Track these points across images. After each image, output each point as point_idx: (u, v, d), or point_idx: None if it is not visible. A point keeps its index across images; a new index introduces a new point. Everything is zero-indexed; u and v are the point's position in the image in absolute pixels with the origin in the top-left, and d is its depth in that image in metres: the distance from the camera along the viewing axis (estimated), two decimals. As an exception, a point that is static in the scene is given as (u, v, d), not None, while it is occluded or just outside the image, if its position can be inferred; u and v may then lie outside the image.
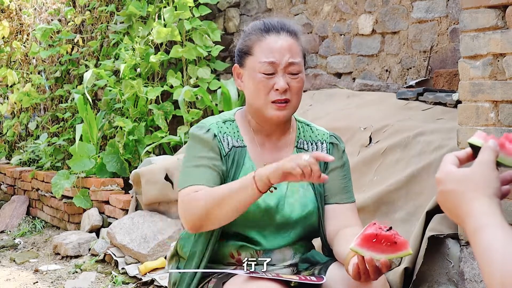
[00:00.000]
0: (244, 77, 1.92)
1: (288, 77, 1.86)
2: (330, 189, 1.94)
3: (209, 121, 1.94)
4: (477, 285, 2.61)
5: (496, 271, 0.90)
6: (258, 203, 1.83)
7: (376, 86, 4.34)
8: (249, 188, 1.71)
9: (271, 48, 1.86)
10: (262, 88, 1.85)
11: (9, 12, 6.96)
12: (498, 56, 2.50)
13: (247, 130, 1.95)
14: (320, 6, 4.92)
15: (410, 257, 2.79)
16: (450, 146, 3.03)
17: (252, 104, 1.90)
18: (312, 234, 1.97)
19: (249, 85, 1.89)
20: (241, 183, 1.74)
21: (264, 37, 1.87)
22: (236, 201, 1.74)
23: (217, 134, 1.89)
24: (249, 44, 1.89)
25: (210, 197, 1.76)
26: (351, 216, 1.94)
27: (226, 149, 1.88)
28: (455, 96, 3.47)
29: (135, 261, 3.92)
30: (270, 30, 1.88)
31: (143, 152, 4.83)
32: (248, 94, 1.90)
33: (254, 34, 1.89)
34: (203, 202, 1.76)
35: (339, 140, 2.01)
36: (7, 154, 7.14)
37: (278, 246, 1.89)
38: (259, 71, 1.85)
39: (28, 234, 5.27)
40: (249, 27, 1.94)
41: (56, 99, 6.47)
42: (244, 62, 1.90)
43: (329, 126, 3.98)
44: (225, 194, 1.74)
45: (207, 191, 1.78)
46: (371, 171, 3.36)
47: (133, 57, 5.05)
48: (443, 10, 4.06)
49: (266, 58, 1.85)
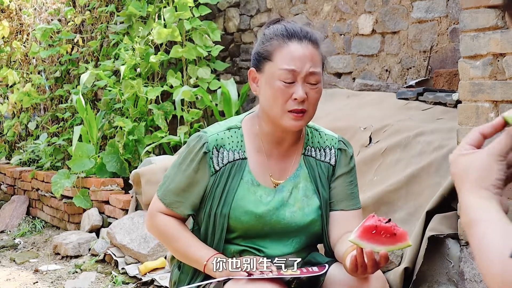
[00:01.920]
0: (260, 82, 1.86)
1: (307, 87, 1.80)
2: (336, 196, 1.92)
3: (212, 130, 1.90)
4: (477, 285, 2.61)
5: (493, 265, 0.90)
6: (256, 213, 1.83)
7: (376, 86, 4.34)
8: (198, 266, 1.85)
9: (293, 55, 1.79)
10: (280, 96, 1.79)
11: (9, 12, 6.96)
12: (498, 56, 2.50)
13: (254, 137, 1.91)
14: (320, 6, 4.92)
15: (410, 257, 2.79)
16: (450, 146, 3.03)
17: (268, 111, 1.85)
18: (316, 241, 1.96)
19: (266, 92, 1.82)
20: (196, 256, 1.83)
21: (286, 43, 1.80)
22: (184, 260, 1.91)
23: (212, 149, 1.85)
24: (270, 50, 1.82)
25: (169, 239, 1.91)
26: (357, 223, 1.93)
27: (218, 166, 1.86)
28: (455, 96, 3.47)
29: (135, 261, 3.92)
30: (293, 36, 1.81)
31: (143, 152, 4.83)
32: (264, 100, 1.85)
33: (275, 39, 1.82)
34: (158, 235, 1.97)
35: (347, 145, 1.98)
36: (7, 154, 7.14)
37: (281, 253, 1.88)
38: (278, 78, 1.79)
39: (28, 234, 5.27)
40: (270, 31, 1.86)
41: (56, 99, 6.47)
42: (263, 67, 1.84)
43: (329, 126, 3.97)
44: (180, 250, 1.88)
45: (170, 230, 1.90)
46: (371, 171, 3.36)
47: (133, 57, 5.05)
48: (443, 10, 4.06)
49: (287, 65, 1.78)
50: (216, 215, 1.83)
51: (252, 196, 1.85)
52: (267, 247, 1.87)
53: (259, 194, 1.86)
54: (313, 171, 1.92)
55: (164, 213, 1.91)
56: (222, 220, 1.83)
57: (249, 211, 1.83)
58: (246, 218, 1.82)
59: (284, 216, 1.86)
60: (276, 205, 1.86)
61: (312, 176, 1.91)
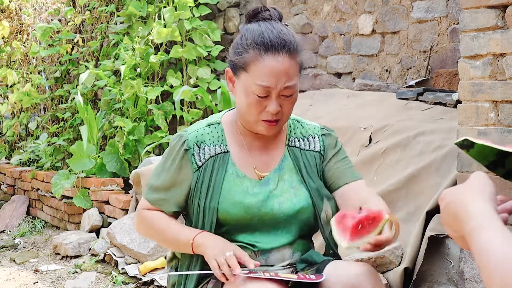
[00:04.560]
0: (236, 86, 1.86)
1: (281, 99, 1.80)
2: (335, 175, 1.93)
3: (192, 128, 1.92)
4: (477, 285, 2.61)
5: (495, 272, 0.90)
6: (244, 204, 1.84)
7: (376, 86, 4.34)
8: (187, 248, 1.84)
9: (268, 71, 1.76)
10: (254, 108, 1.80)
11: (9, 12, 6.97)
12: (498, 56, 2.50)
13: (234, 132, 1.93)
14: (320, 6, 4.92)
15: (410, 257, 2.79)
16: (450, 146, 3.03)
17: (242, 115, 1.87)
18: (310, 231, 1.96)
19: (241, 98, 1.83)
20: (182, 238, 1.85)
21: (261, 57, 1.77)
22: (174, 247, 1.93)
23: (192, 146, 1.88)
24: (245, 61, 1.80)
25: (153, 230, 1.93)
26: (367, 190, 1.93)
27: (201, 161, 1.88)
28: (455, 96, 3.47)
29: (135, 261, 3.92)
30: (269, 49, 1.77)
31: (143, 152, 4.83)
32: (239, 104, 1.86)
33: (251, 49, 1.79)
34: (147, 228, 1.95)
35: (330, 130, 2.00)
36: (7, 154, 7.14)
37: (276, 246, 1.88)
38: (253, 92, 1.79)
39: (28, 234, 5.27)
40: (247, 35, 1.82)
41: (56, 99, 6.47)
42: (238, 74, 1.83)
43: (329, 126, 3.98)
44: (169, 238, 1.89)
45: (150, 220, 1.92)
46: (371, 171, 3.36)
47: (133, 57, 5.05)
48: (443, 10, 4.06)
49: (261, 81, 1.77)
50: (204, 210, 1.84)
51: (239, 187, 1.86)
52: (259, 241, 1.87)
53: (245, 185, 1.87)
54: (298, 161, 1.93)
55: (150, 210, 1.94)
56: (211, 214, 1.84)
57: (237, 202, 1.84)
58: (234, 210, 1.83)
59: (272, 207, 1.87)
60: (263, 197, 1.87)
61: (297, 167, 1.92)
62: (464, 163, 2.64)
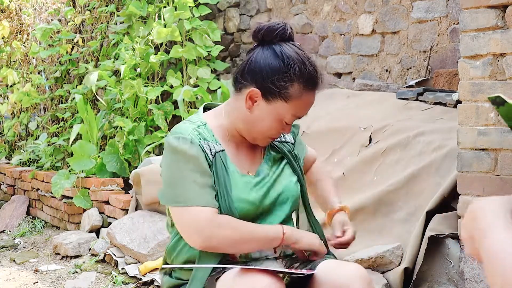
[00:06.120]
0: (260, 107, 1.84)
1: None
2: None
3: (186, 129, 1.86)
4: (477, 285, 2.61)
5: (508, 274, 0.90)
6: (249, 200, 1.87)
7: (376, 86, 4.34)
8: (274, 241, 1.85)
9: (306, 105, 1.86)
10: (274, 130, 1.88)
11: (9, 12, 6.97)
12: (498, 56, 2.50)
13: (222, 132, 1.93)
14: (320, 6, 4.92)
15: (410, 257, 2.79)
16: (450, 146, 3.03)
17: (248, 128, 1.88)
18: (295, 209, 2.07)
19: (263, 120, 1.85)
20: (271, 233, 1.85)
21: (306, 92, 1.83)
22: (259, 244, 1.87)
23: (200, 144, 1.84)
24: (289, 93, 1.81)
25: (238, 231, 1.81)
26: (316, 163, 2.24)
27: (211, 158, 1.86)
28: (455, 96, 3.47)
29: (135, 261, 3.92)
30: (313, 86, 1.84)
31: (143, 152, 4.83)
32: (252, 121, 1.86)
33: (296, 83, 1.81)
34: (229, 232, 1.80)
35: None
36: (7, 154, 7.14)
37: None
38: (284, 120, 1.85)
39: (28, 234, 5.27)
40: (289, 65, 1.81)
41: (56, 99, 6.47)
42: (273, 99, 1.83)
43: (329, 126, 4.00)
44: (253, 234, 1.83)
45: (232, 222, 1.81)
46: (371, 171, 3.36)
47: (133, 57, 5.05)
48: (443, 10, 4.06)
49: (297, 113, 1.86)
50: (221, 209, 1.83)
51: (241, 184, 1.88)
52: None
53: (246, 181, 1.90)
54: (279, 153, 2.02)
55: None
56: (226, 212, 1.83)
57: (243, 199, 1.86)
58: (240, 207, 1.86)
59: (273, 197, 1.93)
60: (263, 191, 1.91)
61: (281, 158, 2.01)
62: (464, 163, 2.64)
